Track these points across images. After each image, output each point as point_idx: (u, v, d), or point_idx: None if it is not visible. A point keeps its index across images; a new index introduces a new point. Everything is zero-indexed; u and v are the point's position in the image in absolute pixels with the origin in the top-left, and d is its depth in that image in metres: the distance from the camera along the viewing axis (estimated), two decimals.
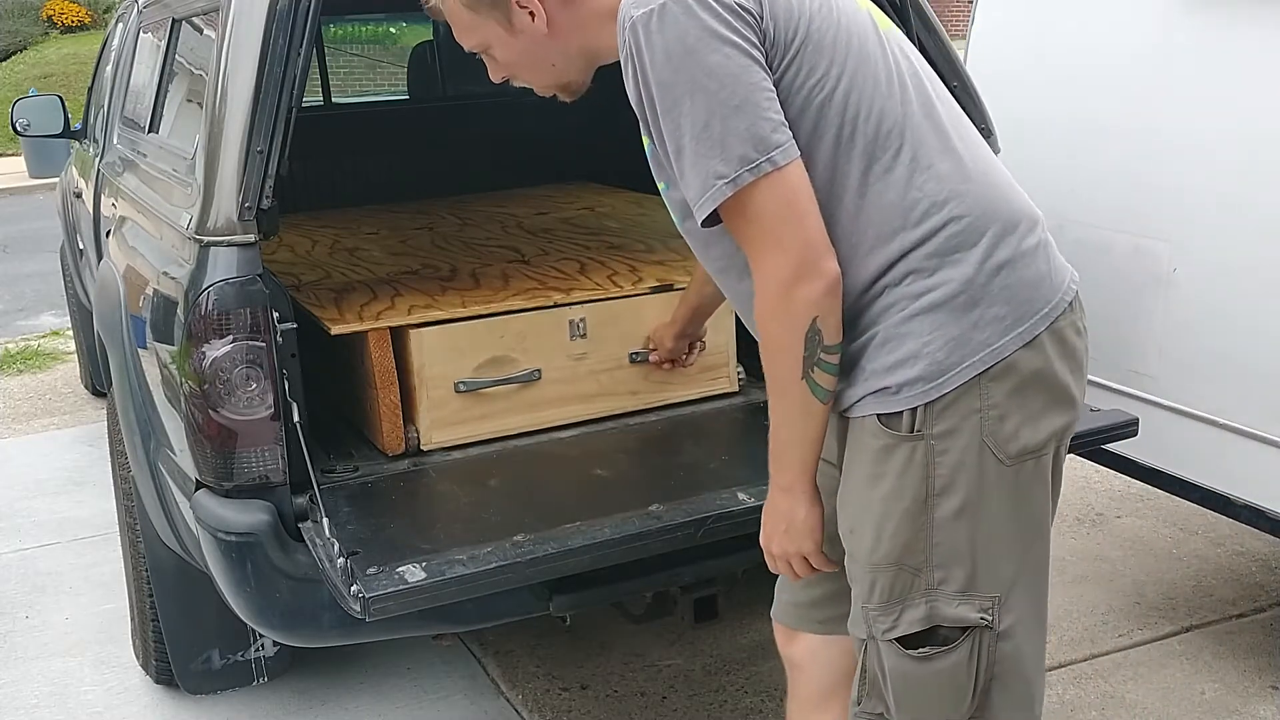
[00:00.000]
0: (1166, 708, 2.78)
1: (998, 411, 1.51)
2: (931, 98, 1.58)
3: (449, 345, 2.39)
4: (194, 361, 2.07)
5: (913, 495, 1.54)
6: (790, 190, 1.46)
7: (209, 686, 2.83)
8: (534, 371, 2.45)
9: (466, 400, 2.40)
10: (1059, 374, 1.56)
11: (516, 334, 2.44)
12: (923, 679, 1.60)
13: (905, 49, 1.63)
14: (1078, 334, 1.59)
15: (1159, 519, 3.75)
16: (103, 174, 3.70)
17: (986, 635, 1.58)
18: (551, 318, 2.48)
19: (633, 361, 2.55)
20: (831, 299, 1.48)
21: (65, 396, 5.51)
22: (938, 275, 1.51)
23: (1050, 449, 1.58)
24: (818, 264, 1.47)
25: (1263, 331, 2.51)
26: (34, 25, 18.60)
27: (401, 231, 3.47)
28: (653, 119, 1.51)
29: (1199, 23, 2.62)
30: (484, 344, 2.42)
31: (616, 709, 2.83)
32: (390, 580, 1.84)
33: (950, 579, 1.56)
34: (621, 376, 2.55)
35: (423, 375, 2.37)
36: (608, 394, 2.54)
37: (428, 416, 2.38)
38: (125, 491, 2.87)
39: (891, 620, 1.59)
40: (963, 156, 1.55)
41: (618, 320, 2.54)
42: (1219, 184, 2.57)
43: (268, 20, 2.05)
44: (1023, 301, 1.52)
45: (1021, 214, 1.57)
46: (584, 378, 2.51)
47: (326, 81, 4.72)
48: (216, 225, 2.11)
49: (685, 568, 2.19)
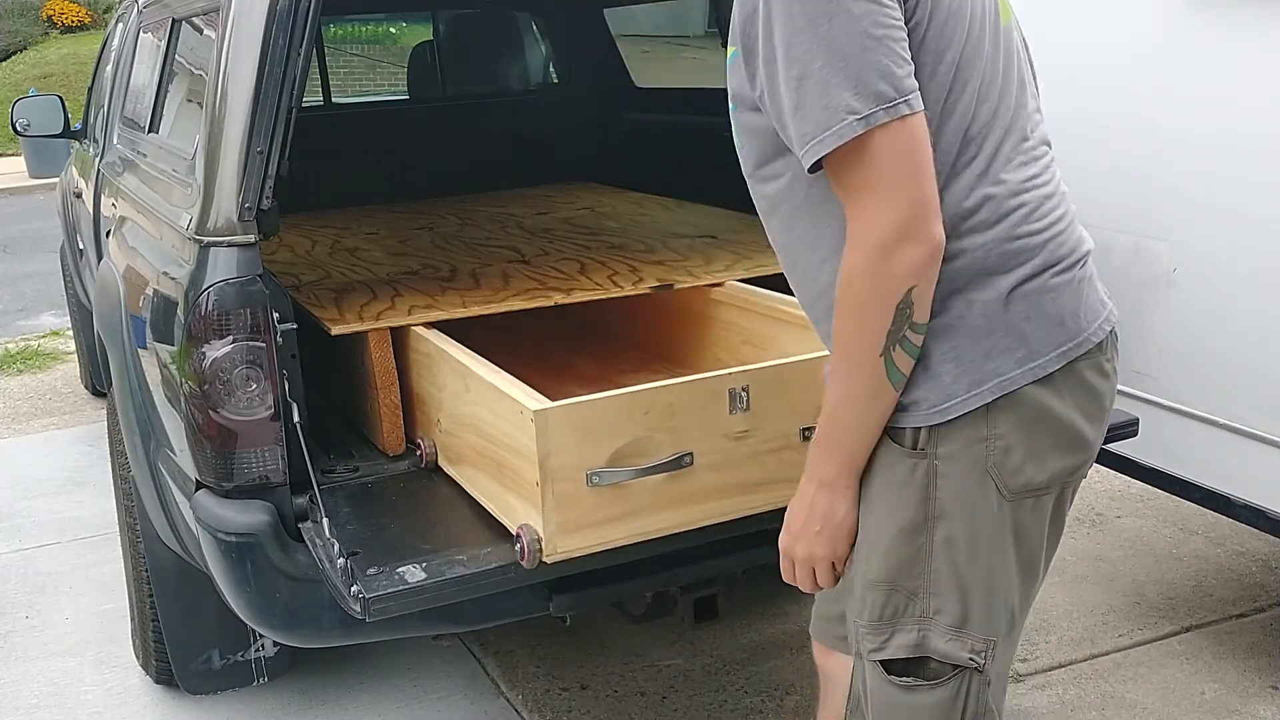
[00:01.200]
0: (1166, 708, 2.78)
1: (1003, 443, 1.45)
2: (1028, 112, 1.50)
3: (579, 425, 1.86)
4: (194, 362, 2.07)
5: (912, 513, 1.47)
6: (917, 140, 1.33)
7: (209, 686, 2.83)
8: (685, 456, 1.95)
9: (600, 496, 1.90)
10: (1069, 415, 1.48)
11: (663, 408, 1.92)
12: (904, 709, 1.53)
13: (1020, 51, 1.54)
14: (1102, 376, 1.52)
15: (1159, 519, 3.75)
16: (103, 174, 3.70)
17: (975, 679, 1.50)
18: (706, 388, 1.96)
19: (805, 439, 2.01)
20: (932, 269, 1.36)
21: (65, 396, 5.51)
22: (960, 296, 1.43)
23: (1053, 490, 1.52)
24: (929, 226, 1.34)
25: (1263, 331, 2.51)
26: (34, 25, 18.61)
27: (401, 232, 3.47)
28: (766, 36, 1.34)
29: (1199, 22, 2.62)
30: (623, 423, 1.90)
31: (616, 709, 2.83)
32: (390, 580, 1.84)
33: (945, 610, 1.49)
34: (790, 459, 2.00)
35: (548, 465, 1.84)
36: (775, 480, 2.02)
37: (554, 518, 1.86)
38: (125, 491, 2.87)
39: (879, 641, 1.52)
40: (1029, 181, 1.47)
41: (787, 388, 2.03)
42: (1219, 184, 2.57)
43: (268, 20, 2.05)
44: (1040, 336, 1.45)
45: (1069, 250, 1.49)
46: (744, 461, 2.01)
47: (326, 81, 4.72)
48: (216, 225, 2.11)
49: (685, 568, 2.19)
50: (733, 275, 2.66)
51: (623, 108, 4.43)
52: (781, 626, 3.12)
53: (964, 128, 1.42)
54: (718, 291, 2.63)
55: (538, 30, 4.90)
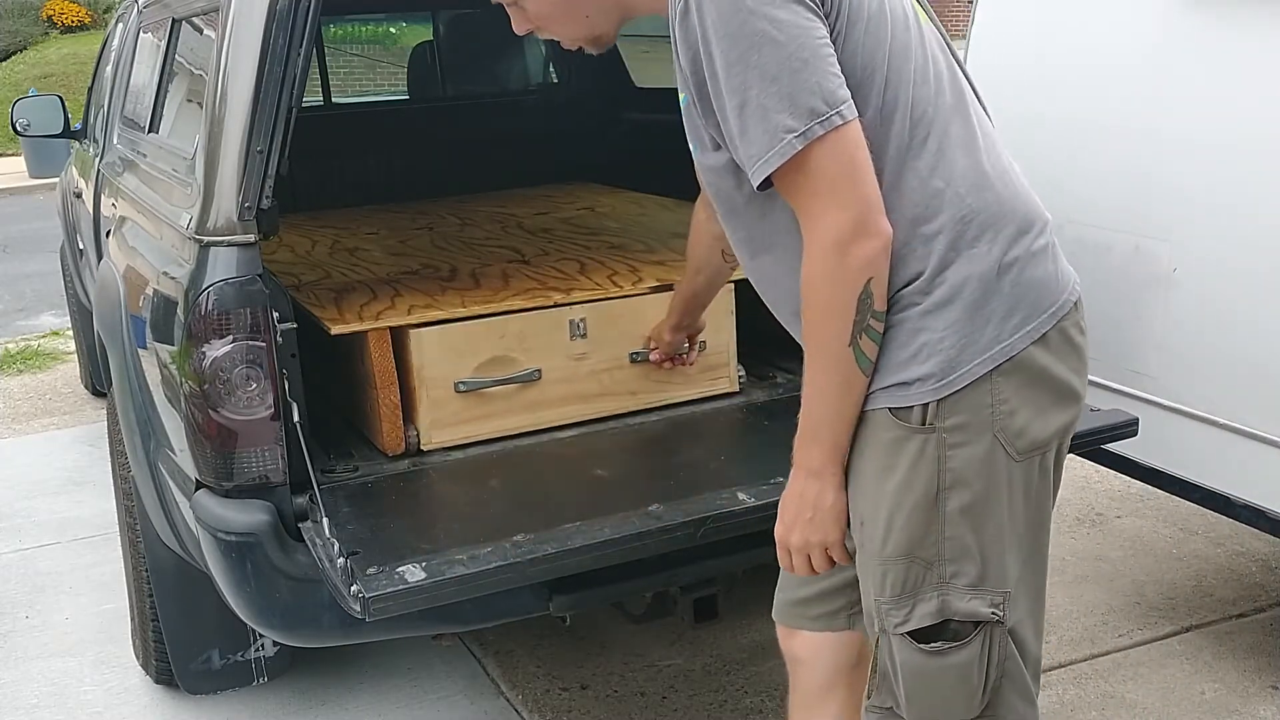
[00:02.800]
0: (1166, 708, 2.78)
1: (1008, 406, 1.53)
2: (963, 93, 1.60)
3: (449, 345, 2.38)
4: (194, 361, 2.07)
5: (924, 488, 1.54)
6: (853, 146, 1.44)
7: (209, 686, 2.83)
8: (534, 371, 2.45)
9: (467, 400, 2.40)
10: (1064, 371, 1.58)
11: (517, 334, 2.44)
12: (935, 674, 1.60)
13: (942, 43, 1.64)
14: (1081, 333, 1.62)
15: (1159, 519, 3.75)
16: (103, 174, 3.70)
17: (998, 630, 1.58)
18: (552, 318, 2.48)
19: (633, 361, 2.54)
20: (885, 259, 1.47)
21: (65, 396, 5.51)
22: (951, 270, 1.51)
23: (1054, 445, 1.61)
24: (876, 222, 1.45)
25: (1263, 331, 2.51)
26: (34, 25, 18.60)
27: (401, 232, 3.47)
28: (710, 74, 1.46)
29: (1199, 22, 2.62)
30: (484, 344, 2.41)
31: (616, 709, 2.83)
32: (390, 580, 1.84)
33: (962, 573, 1.56)
34: (622, 376, 2.55)
35: (422, 375, 2.36)
36: (608, 394, 2.54)
37: (428, 417, 2.38)
38: (125, 491, 2.87)
39: (904, 614, 1.59)
40: (984, 154, 1.57)
41: (618, 320, 2.53)
42: (1219, 184, 2.57)
43: (268, 20, 2.05)
44: (1033, 300, 1.54)
45: (1035, 215, 1.59)
46: (584, 378, 2.51)
47: (326, 81, 4.72)
48: (216, 225, 2.11)
49: (685, 568, 2.19)
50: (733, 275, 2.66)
51: (623, 108, 4.43)
52: None
53: (909, 115, 1.51)
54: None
55: None
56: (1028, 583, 1.62)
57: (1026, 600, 1.63)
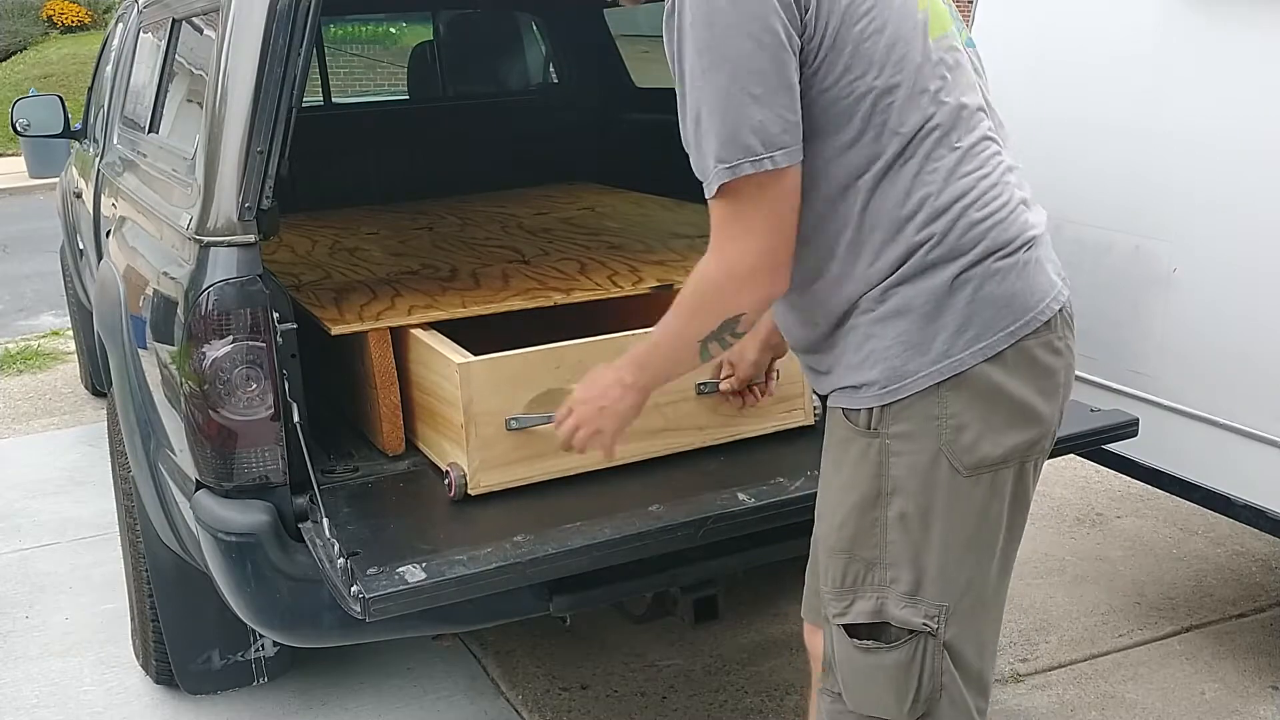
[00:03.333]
0: (1166, 708, 2.78)
1: (956, 421, 1.55)
2: (965, 107, 1.58)
3: (501, 378, 2.15)
4: (194, 362, 2.07)
5: (863, 490, 1.59)
6: (781, 193, 1.49)
7: (209, 686, 2.83)
8: None
9: (518, 439, 2.17)
10: (1021, 391, 1.57)
11: (574, 364, 2.18)
12: (865, 670, 1.66)
13: (961, 56, 1.63)
14: (1053, 353, 1.60)
15: (1159, 519, 3.75)
16: (103, 174, 3.70)
17: (930, 642, 1.61)
18: (614, 345, 2.20)
19: (700, 393, 2.31)
20: (764, 307, 1.58)
21: (65, 396, 5.51)
22: (907, 284, 1.54)
23: (1011, 464, 1.59)
24: (773, 274, 1.53)
25: (1263, 331, 2.51)
26: (34, 25, 18.60)
27: (401, 232, 3.47)
28: (677, 78, 1.51)
29: (1199, 23, 2.62)
30: (538, 376, 2.17)
31: (616, 709, 2.83)
32: (390, 580, 1.84)
33: (899, 580, 1.60)
34: (687, 410, 2.32)
35: (471, 411, 2.12)
36: (672, 429, 2.31)
37: (476, 457, 2.15)
38: (125, 491, 2.87)
39: (842, 607, 1.65)
40: (974, 172, 1.56)
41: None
42: (1219, 184, 2.57)
43: (268, 20, 2.05)
44: (988, 317, 1.54)
45: (1008, 234, 1.56)
46: (647, 411, 2.18)
47: (326, 81, 4.72)
48: (216, 225, 2.11)
49: (685, 568, 2.19)
50: None
51: (623, 108, 4.43)
52: (781, 627, 3.12)
53: (895, 134, 1.52)
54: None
55: (538, 30, 4.90)
56: (976, 601, 1.63)
57: (972, 618, 1.63)
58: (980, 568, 1.62)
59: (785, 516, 2.10)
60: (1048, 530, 3.66)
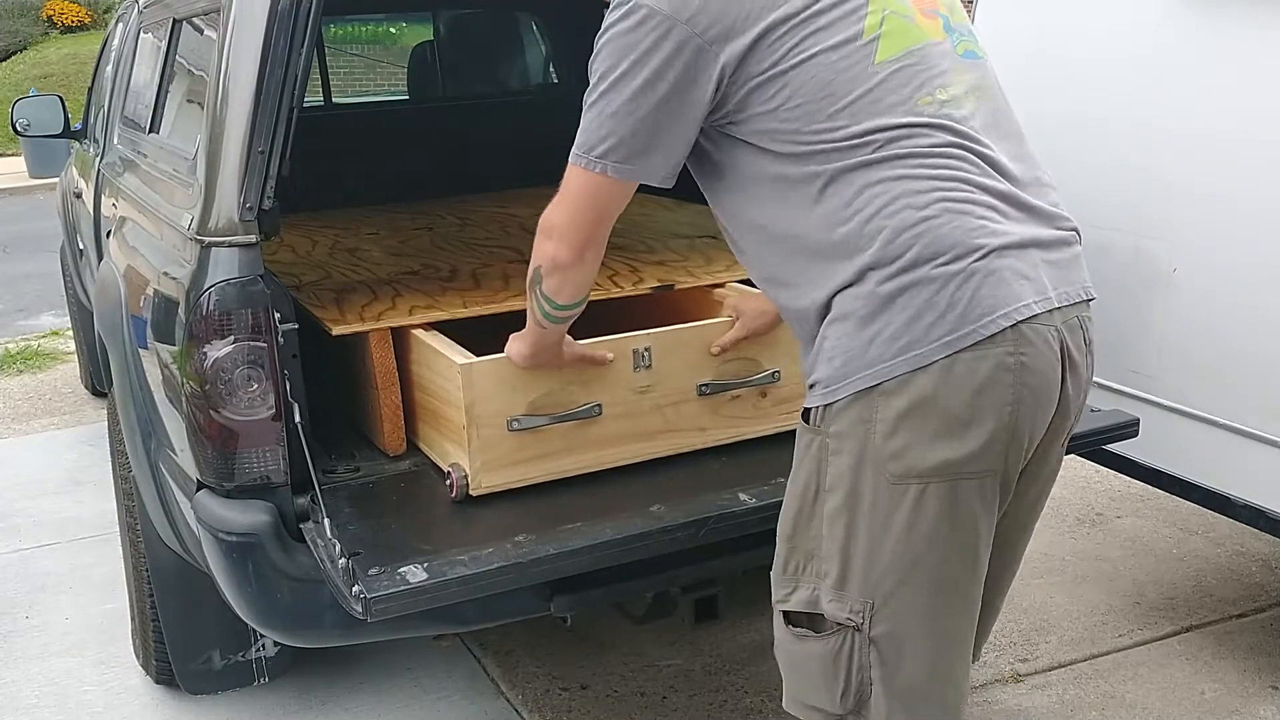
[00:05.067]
0: (1166, 708, 2.78)
1: (885, 428, 1.57)
2: (923, 114, 1.61)
3: (502, 379, 2.15)
4: (195, 362, 2.07)
5: (804, 482, 1.67)
6: (598, 192, 1.70)
7: (209, 686, 2.83)
8: (594, 406, 2.23)
9: (520, 440, 2.18)
10: (954, 405, 1.55)
11: (575, 366, 2.22)
12: (795, 656, 1.75)
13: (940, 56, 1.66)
14: (1001, 369, 1.55)
15: (1159, 519, 3.75)
16: (103, 174, 3.70)
17: (856, 637, 1.66)
18: (614, 347, 2.24)
19: (701, 394, 2.34)
20: (552, 273, 1.79)
21: (65, 396, 5.51)
22: (852, 289, 1.58)
23: (942, 479, 1.57)
24: (562, 242, 1.75)
25: (1263, 331, 2.51)
26: (34, 25, 18.60)
27: (402, 232, 3.47)
28: (591, 60, 1.69)
29: (1199, 22, 2.62)
30: (539, 377, 2.18)
31: (616, 709, 2.83)
32: (392, 581, 1.84)
33: (829, 574, 1.66)
34: (689, 411, 2.33)
35: (473, 412, 2.13)
36: (674, 430, 2.32)
37: (479, 458, 2.15)
38: (125, 491, 2.87)
39: (784, 593, 1.74)
40: (904, 174, 1.57)
41: (686, 349, 2.32)
42: (1219, 183, 2.57)
43: (269, 21, 2.05)
44: (924, 326, 1.54)
45: (949, 241, 1.55)
46: (648, 413, 2.28)
47: (327, 81, 4.72)
48: (218, 226, 2.11)
49: (686, 568, 2.19)
50: (733, 276, 2.66)
51: None
52: None
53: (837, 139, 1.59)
54: (718, 292, 2.63)
55: (538, 30, 4.90)
56: (910, 603, 1.63)
57: (908, 619, 1.64)
58: (908, 581, 1.62)
59: None
60: (1048, 530, 3.66)
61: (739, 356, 2.37)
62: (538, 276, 1.82)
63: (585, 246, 1.76)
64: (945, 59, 1.67)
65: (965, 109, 1.65)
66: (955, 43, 1.71)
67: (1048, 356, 1.59)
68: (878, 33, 1.62)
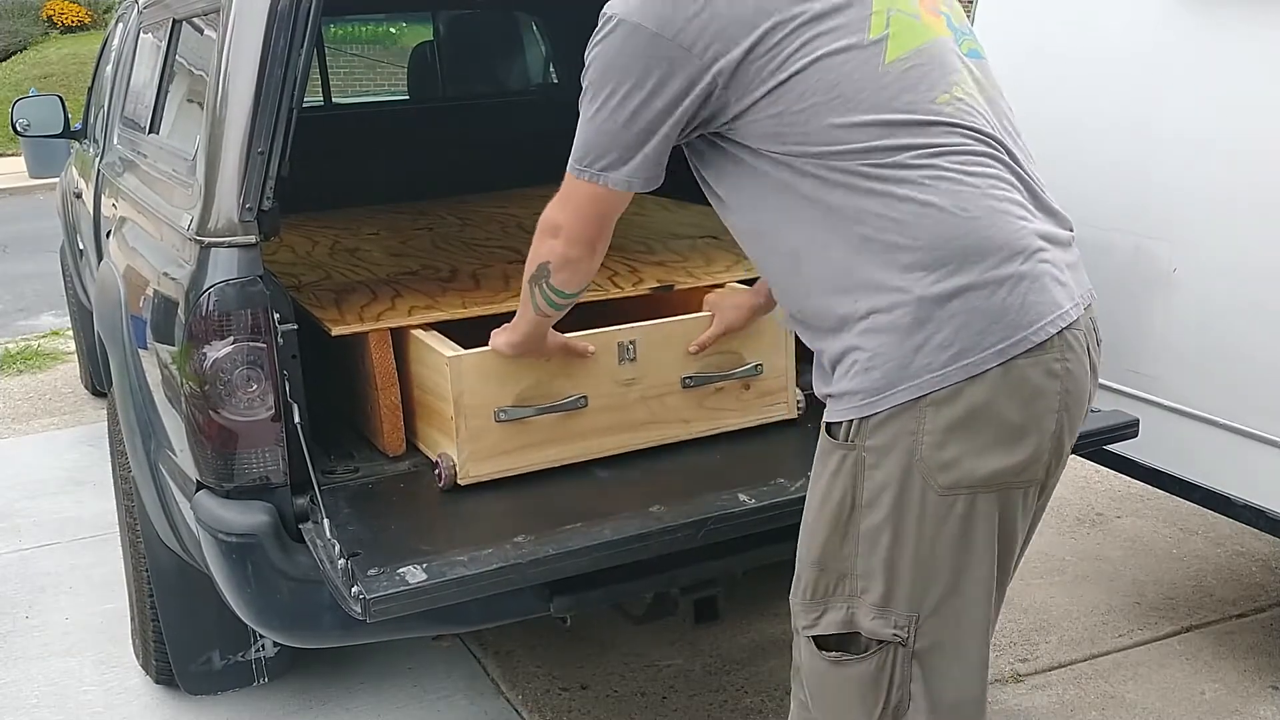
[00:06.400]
0: (1166, 708, 2.78)
1: (934, 439, 1.52)
2: (943, 120, 1.58)
3: (489, 371, 2.19)
4: (194, 362, 2.07)
5: (838, 502, 1.60)
6: (595, 200, 1.72)
7: (209, 687, 2.83)
8: (580, 398, 2.27)
9: (507, 430, 2.22)
10: (1009, 414, 1.53)
11: (561, 358, 2.26)
12: (833, 682, 1.67)
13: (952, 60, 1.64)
14: (1050, 376, 1.54)
15: (1159, 519, 3.75)
16: (103, 174, 3.70)
17: (900, 652, 1.61)
18: (599, 340, 2.28)
19: (685, 387, 2.38)
20: (562, 268, 1.81)
21: (65, 396, 5.51)
22: (889, 294, 1.53)
23: (994, 489, 1.56)
24: (569, 242, 1.77)
25: (1263, 331, 2.51)
26: (34, 25, 18.60)
27: (402, 232, 3.47)
28: (584, 78, 1.71)
29: (1199, 22, 2.62)
30: (526, 369, 2.21)
31: (616, 709, 2.83)
32: (391, 581, 1.84)
33: (870, 590, 1.60)
34: (673, 403, 2.37)
35: (461, 404, 2.17)
36: (658, 422, 2.36)
37: (466, 448, 2.19)
38: (125, 491, 2.87)
39: (812, 618, 1.67)
40: (953, 183, 1.54)
41: (670, 342, 2.36)
42: (1219, 183, 2.57)
43: (268, 21, 2.05)
44: (975, 333, 1.51)
45: (996, 243, 1.53)
46: (633, 404, 2.33)
47: (327, 81, 4.72)
48: (217, 226, 2.11)
49: (686, 569, 2.19)
50: (733, 276, 2.66)
51: None
52: (782, 626, 3.12)
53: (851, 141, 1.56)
54: (716, 293, 2.62)
55: (538, 30, 4.90)
56: (952, 614, 1.61)
57: (949, 630, 1.61)
58: (956, 591, 1.59)
59: (785, 517, 2.08)
60: (1048, 530, 3.66)
61: (722, 350, 2.40)
62: (544, 272, 1.83)
63: (595, 240, 1.78)
64: (954, 57, 1.66)
65: (980, 107, 1.64)
66: (959, 41, 1.70)
67: (1082, 361, 1.59)
68: (885, 33, 1.59)
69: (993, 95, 1.71)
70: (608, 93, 1.64)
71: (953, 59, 1.65)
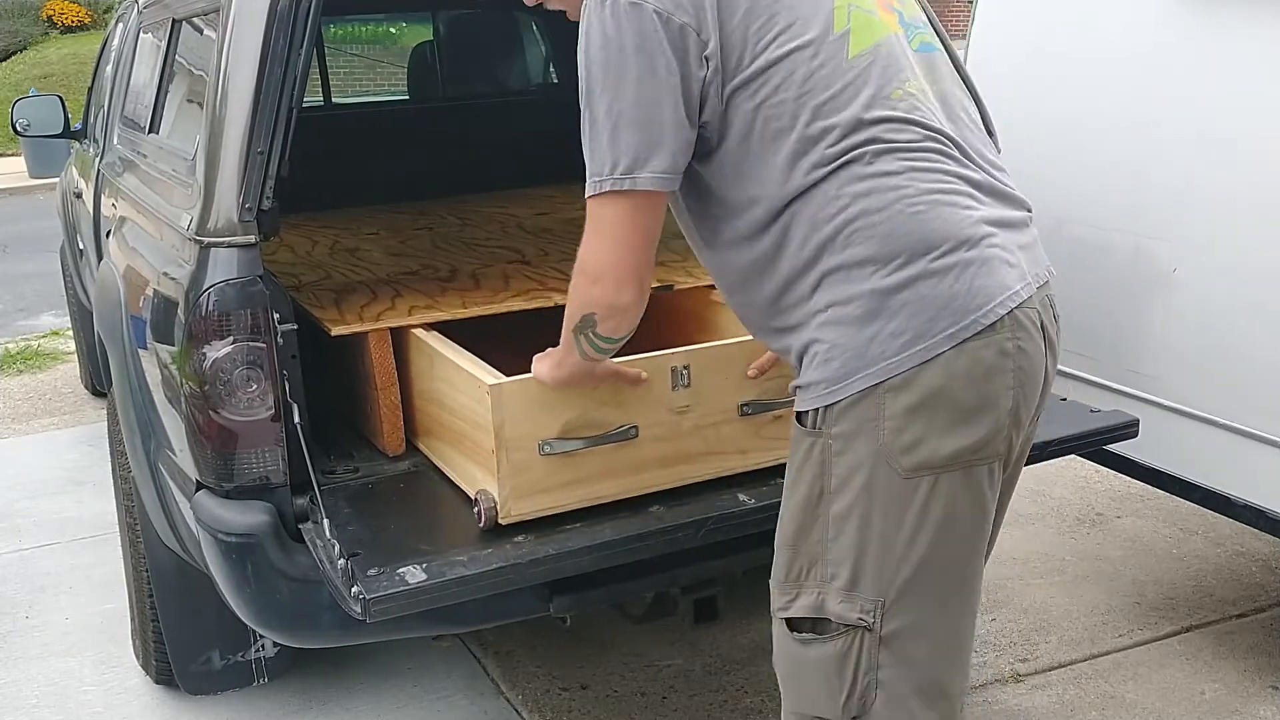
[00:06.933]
0: (1166, 708, 2.78)
1: (895, 423, 1.57)
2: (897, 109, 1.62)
3: (533, 399, 2.00)
4: (194, 362, 2.07)
5: (807, 488, 1.65)
6: (637, 213, 1.62)
7: (209, 687, 2.83)
8: (630, 429, 2.09)
9: (551, 464, 2.04)
10: (964, 395, 1.57)
11: (610, 385, 2.07)
12: (801, 663, 1.71)
13: (903, 55, 1.68)
14: (1002, 355, 1.58)
15: (1159, 519, 3.75)
16: (103, 174, 3.70)
17: (866, 637, 1.64)
18: (651, 365, 2.10)
19: (743, 415, 2.20)
20: (608, 315, 1.68)
21: (65, 396, 5.51)
22: (843, 287, 1.58)
23: (957, 466, 1.59)
24: (619, 283, 1.64)
25: (1263, 331, 2.51)
26: (34, 25, 18.59)
27: (402, 232, 3.47)
28: (583, 85, 1.64)
29: (1199, 22, 2.62)
30: (572, 397, 2.02)
31: (616, 709, 2.83)
32: (391, 581, 1.84)
33: (838, 576, 1.64)
34: (730, 433, 2.19)
35: (503, 435, 1.99)
36: (714, 453, 2.18)
37: (508, 483, 2.01)
38: (125, 492, 2.87)
39: (785, 600, 1.71)
40: (893, 170, 1.58)
41: (727, 366, 2.18)
42: (1219, 183, 2.57)
43: (268, 21, 2.05)
44: (926, 320, 1.55)
45: (941, 234, 1.57)
46: (687, 434, 2.15)
47: (327, 81, 4.72)
48: (217, 226, 2.11)
49: (685, 568, 2.19)
50: None
51: None
52: None
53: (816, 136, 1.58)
54: (718, 292, 2.62)
55: (538, 30, 4.90)
56: (920, 598, 1.63)
57: (918, 615, 1.64)
58: (927, 570, 1.62)
59: None
60: (1048, 530, 3.66)
61: (781, 374, 2.19)
62: (589, 322, 1.69)
63: (642, 272, 1.65)
64: (905, 52, 1.70)
65: (930, 101, 1.68)
66: (910, 36, 1.74)
67: (1036, 339, 1.64)
68: (847, 28, 1.63)
69: (946, 87, 1.74)
70: (613, 86, 1.59)
71: (903, 54, 1.69)
